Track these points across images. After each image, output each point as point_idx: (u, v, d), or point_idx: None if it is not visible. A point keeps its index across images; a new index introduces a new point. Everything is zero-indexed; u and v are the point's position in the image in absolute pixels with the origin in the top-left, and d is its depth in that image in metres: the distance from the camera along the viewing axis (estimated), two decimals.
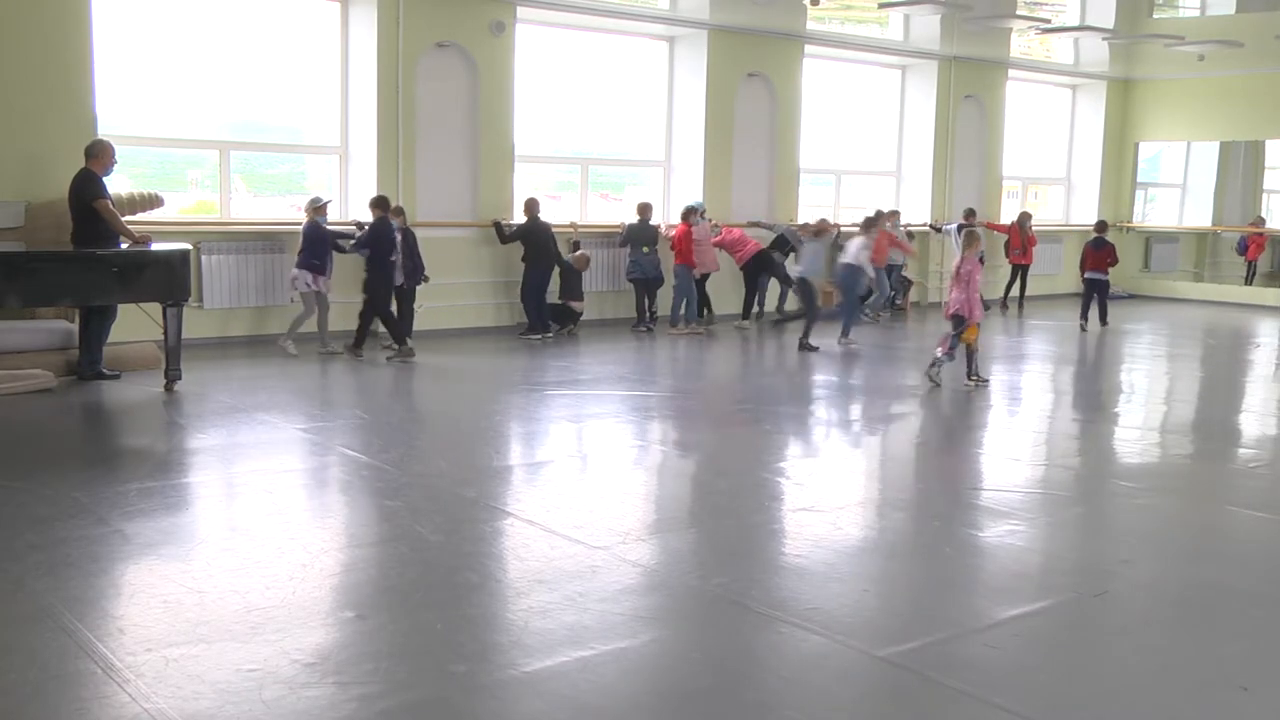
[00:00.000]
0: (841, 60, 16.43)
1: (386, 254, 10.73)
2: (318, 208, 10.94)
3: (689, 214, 13.35)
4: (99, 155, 9.13)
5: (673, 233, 13.76)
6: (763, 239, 14.39)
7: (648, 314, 13.51)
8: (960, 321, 9.92)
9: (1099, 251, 14.82)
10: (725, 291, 14.39)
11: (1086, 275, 14.96)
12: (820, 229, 12.89)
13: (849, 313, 12.86)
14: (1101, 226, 15.38)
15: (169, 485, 6.50)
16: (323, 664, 4.03)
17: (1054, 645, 4.44)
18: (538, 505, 6.26)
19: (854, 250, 12.71)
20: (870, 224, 13.57)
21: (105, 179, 9.17)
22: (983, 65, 17.32)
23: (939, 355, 10.06)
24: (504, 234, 12.44)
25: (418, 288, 11.58)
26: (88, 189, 8.99)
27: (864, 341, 13.25)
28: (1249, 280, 19.57)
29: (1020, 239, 16.86)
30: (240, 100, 12.15)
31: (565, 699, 3.82)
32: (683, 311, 13.38)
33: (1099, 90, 19.55)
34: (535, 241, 12.35)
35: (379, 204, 10.86)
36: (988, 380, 10.24)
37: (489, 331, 12.74)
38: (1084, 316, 14.92)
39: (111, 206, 9.11)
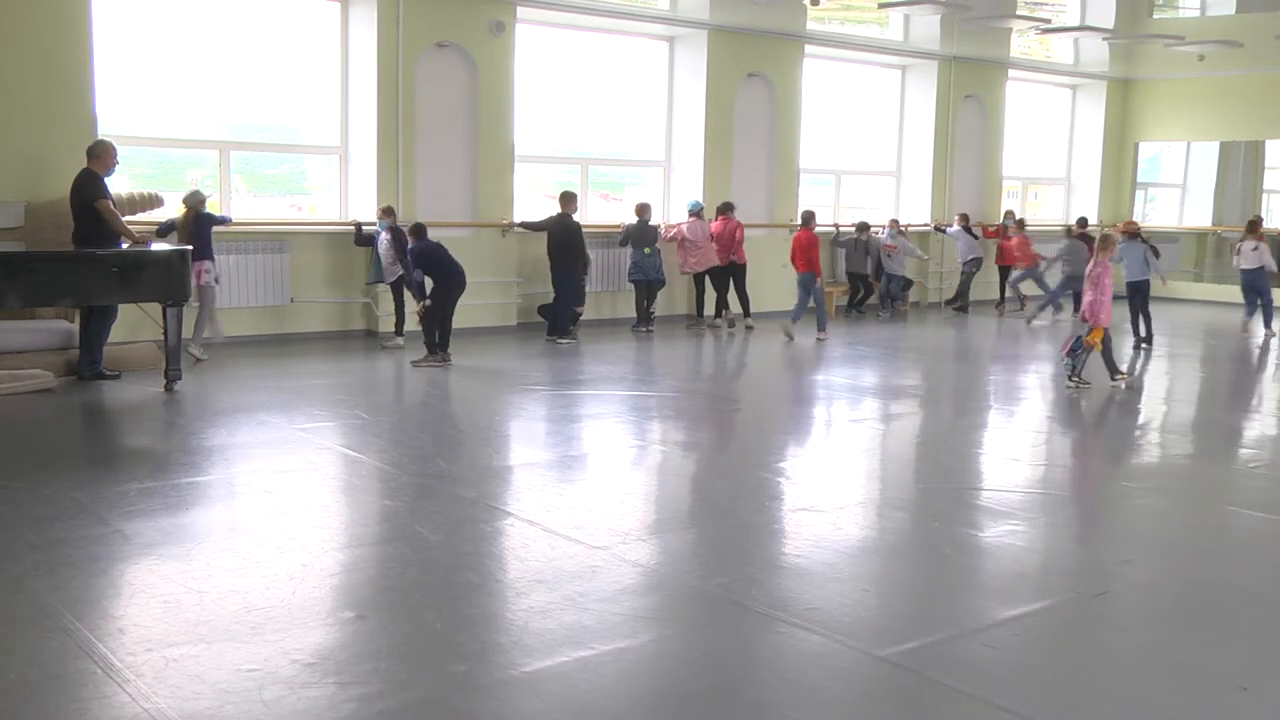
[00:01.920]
0: (841, 60, 16.43)
1: (440, 270, 10.65)
2: (200, 200, 10.57)
3: (809, 219, 13.47)
4: (101, 155, 9.14)
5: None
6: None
7: (648, 315, 13.47)
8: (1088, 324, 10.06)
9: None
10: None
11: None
12: (1131, 230, 13.50)
13: (1269, 309, 14.31)
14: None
15: (169, 485, 6.50)
16: (323, 664, 4.03)
17: (1054, 645, 4.45)
18: (538, 505, 6.26)
19: (1255, 254, 14.32)
20: (1254, 225, 14.82)
21: (106, 179, 9.17)
22: (983, 65, 17.33)
23: (1068, 359, 10.19)
24: (533, 225, 12.42)
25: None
26: (89, 189, 8.99)
27: (872, 340, 13.28)
28: None
29: (1001, 240, 16.93)
30: (240, 100, 12.15)
31: (565, 699, 3.82)
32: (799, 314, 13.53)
33: (1099, 90, 19.55)
34: (562, 240, 12.31)
35: (416, 232, 10.67)
36: (1130, 375, 10.31)
37: (489, 332, 12.74)
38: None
39: (112, 207, 9.12)
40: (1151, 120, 19.66)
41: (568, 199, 12.42)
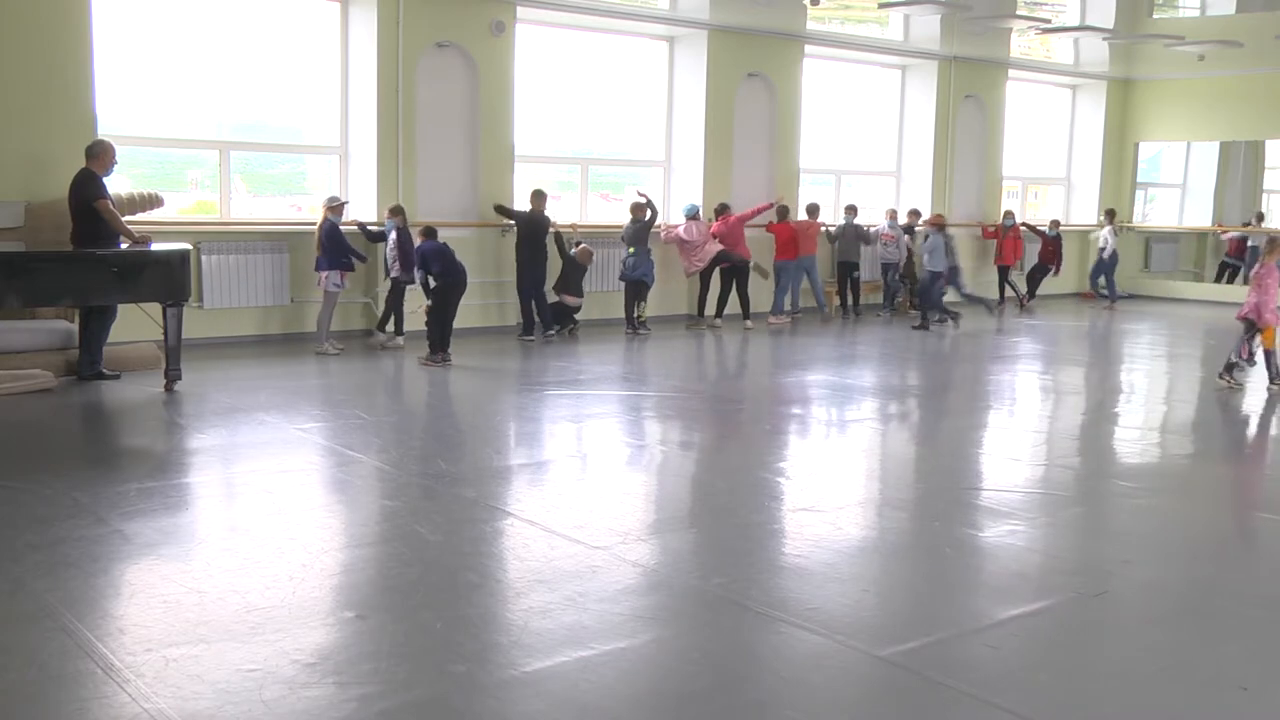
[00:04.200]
0: (841, 60, 16.43)
1: (441, 268, 10.70)
2: (334, 206, 11.03)
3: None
4: (99, 155, 9.12)
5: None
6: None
7: (634, 317, 13.32)
8: (1251, 325, 10.08)
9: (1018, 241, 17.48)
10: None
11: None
12: (937, 223, 14.74)
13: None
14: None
15: (169, 485, 6.50)
16: (323, 664, 4.03)
17: (1054, 645, 4.44)
18: (538, 505, 6.26)
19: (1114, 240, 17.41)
20: (1112, 215, 17.74)
21: (105, 179, 9.16)
22: (983, 65, 17.32)
23: (1234, 359, 10.30)
24: (508, 211, 12.44)
25: (409, 288, 11.53)
26: (89, 189, 8.98)
27: (871, 339, 13.28)
28: (1229, 279, 19.45)
29: (1000, 239, 16.94)
30: (240, 100, 12.15)
31: (565, 699, 3.82)
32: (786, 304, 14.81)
33: (1099, 90, 19.55)
34: (527, 235, 12.33)
35: (426, 233, 10.84)
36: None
37: (489, 331, 12.75)
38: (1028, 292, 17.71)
39: (112, 207, 9.10)
40: (1151, 120, 19.66)
41: (538, 196, 12.43)
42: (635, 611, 4.62)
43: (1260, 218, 19.77)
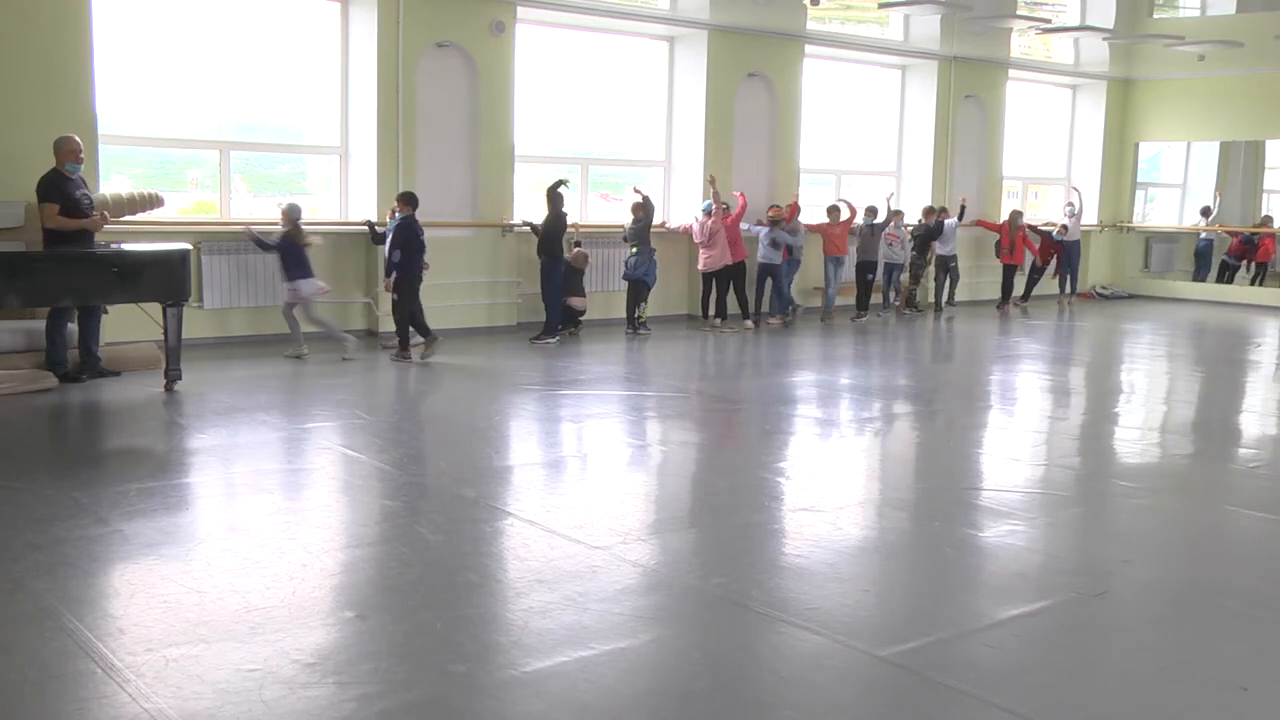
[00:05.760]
0: (841, 60, 16.42)
1: (415, 252, 10.64)
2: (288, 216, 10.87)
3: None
4: (58, 152, 9.00)
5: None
6: None
7: (634, 317, 13.29)
8: None
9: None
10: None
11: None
12: (775, 216, 14.28)
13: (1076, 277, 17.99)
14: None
15: (169, 485, 6.50)
16: (323, 664, 4.03)
17: (1054, 645, 4.45)
18: (538, 505, 6.26)
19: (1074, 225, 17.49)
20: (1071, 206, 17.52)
21: (78, 174, 9.02)
22: (983, 65, 17.32)
23: None
24: (558, 193, 12.33)
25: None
26: (41, 193, 8.87)
27: (871, 339, 13.27)
28: (1253, 281, 19.50)
29: (1009, 238, 16.94)
30: (240, 100, 12.15)
31: (565, 699, 3.82)
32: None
33: (1099, 90, 19.55)
34: (550, 232, 12.32)
35: (408, 200, 10.67)
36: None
37: (489, 331, 12.74)
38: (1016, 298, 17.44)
39: (58, 213, 8.88)
40: (1152, 120, 19.65)
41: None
42: (635, 611, 4.62)
43: (1264, 220, 19.76)
